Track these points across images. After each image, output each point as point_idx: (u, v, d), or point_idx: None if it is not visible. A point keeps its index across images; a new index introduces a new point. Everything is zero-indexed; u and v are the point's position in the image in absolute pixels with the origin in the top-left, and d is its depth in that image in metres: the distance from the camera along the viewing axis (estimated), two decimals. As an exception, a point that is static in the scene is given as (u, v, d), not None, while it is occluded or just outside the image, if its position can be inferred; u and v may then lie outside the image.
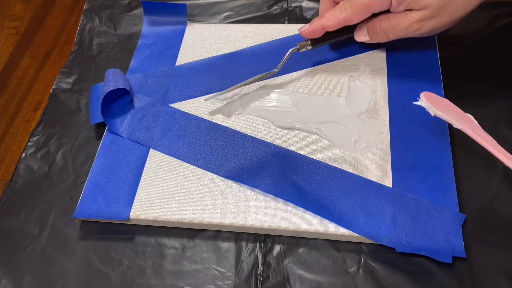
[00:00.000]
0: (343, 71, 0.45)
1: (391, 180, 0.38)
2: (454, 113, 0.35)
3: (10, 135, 0.47)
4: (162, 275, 0.36)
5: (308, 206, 0.37)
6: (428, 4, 0.37)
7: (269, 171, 0.39)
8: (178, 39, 0.51)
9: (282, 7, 0.54)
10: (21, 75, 0.52)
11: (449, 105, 0.35)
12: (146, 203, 0.39)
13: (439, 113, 0.33)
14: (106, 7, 0.56)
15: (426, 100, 0.33)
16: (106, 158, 0.42)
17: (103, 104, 0.43)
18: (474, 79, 0.44)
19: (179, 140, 0.42)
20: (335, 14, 0.40)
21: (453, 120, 0.33)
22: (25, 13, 0.59)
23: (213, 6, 0.55)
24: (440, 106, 0.34)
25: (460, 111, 0.35)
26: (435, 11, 0.37)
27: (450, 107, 0.35)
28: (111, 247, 0.38)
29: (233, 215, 0.37)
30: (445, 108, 0.34)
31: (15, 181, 0.43)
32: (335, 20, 0.40)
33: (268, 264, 0.36)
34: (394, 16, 0.39)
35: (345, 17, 0.40)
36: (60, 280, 0.37)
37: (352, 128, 0.41)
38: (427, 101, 0.33)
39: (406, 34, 0.40)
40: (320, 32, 0.42)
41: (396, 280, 0.34)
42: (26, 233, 0.39)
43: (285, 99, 0.44)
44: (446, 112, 0.33)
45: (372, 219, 0.36)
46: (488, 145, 0.32)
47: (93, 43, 0.53)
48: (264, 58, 0.47)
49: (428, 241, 0.34)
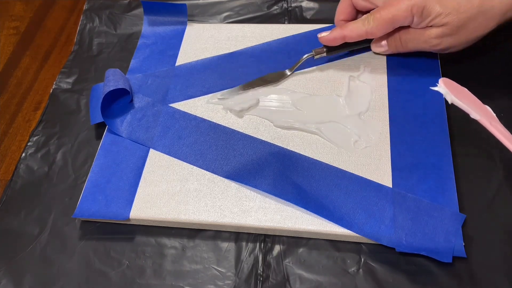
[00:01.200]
0: (343, 71, 0.45)
1: (391, 180, 0.38)
2: (472, 102, 0.33)
3: (10, 135, 0.47)
4: (162, 275, 0.36)
5: (308, 206, 0.37)
6: (448, 21, 0.38)
7: (269, 171, 0.39)
8: (178, 39, 0.51)
9: (282, 7, 0.54)
10: (21, 75, 0.52)
11: (467, 94, 0.34)
12: (146, 203, 0.39)
13: (456, 100, 0.32)
14: (106, 7, 0.56)
15: (445, 86, 0.32)
16: (106, 158, 0.42)
17: (103, 104, 0.43)
18: (474, 79, 0.44)
19: (179, 140, 0.42)
20: (358, 26, 0.41)
21: (470, 109, 0.32)
22: (25, 13, 0.59)
23: (213, 6, 0.55)
24: (458, 94, 0.33)
25: (479, 101, 0.34)
26: (454, 29, 0.38)
27: (469, 96, 0.34)
28: (111, 247, 0.38)
29: (233, 215, 0.37)
30: (463, 96, 0.33)
31: (15, 181, 0.43)
32: (357, 32, 0.41)
33: (268, 264, 0.36)
34: (414, 30, 0.40)
35: (367, 31, 0.40)
36: (60, 280, 0.37)
37: (352, 128, 0.41)
38: (445, 87, 0.32)
39: (424, 48, 0.41)
40: (339, 42, 0.42)
41: (396, 280, 0.34)
42: (26, 233, 0.39)
43: (285, 99, 0.44)
44: (464, 101, 0.32)
45: (372, 219, 0.36)
46: (504, 139, 0.31)
47: (93, 43, 0.53)
48: (264, 58, 0.47)
49: (428, 241, 0.34)
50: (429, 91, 0.42)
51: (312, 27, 0.49)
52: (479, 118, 0.32)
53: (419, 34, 0.40)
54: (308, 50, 0.45)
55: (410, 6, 0.38)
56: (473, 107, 0.32)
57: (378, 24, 0.39)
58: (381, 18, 0.39)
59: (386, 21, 0.39)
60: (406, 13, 0.38)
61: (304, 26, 0.50)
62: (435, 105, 0.41)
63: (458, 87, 0.34)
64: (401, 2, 0.38)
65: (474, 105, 0.33)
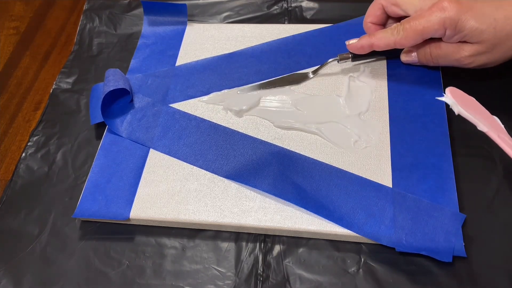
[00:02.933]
0: (343, 71, 0.45)
1: (391, 180, 0.38)
2: (479, 113, 0.32)
3: (10, 135, 0.47)
4: (162, 275, 0.36)
5: (308, 206, 0.37)
6: (484, 39, 0.36)
7: (269, 171, 0.39)
8: (178, 39, 0.51)
9: (282, 7, 0.54)
10: (21, 75, 0.52)
11: (475, 104, 0.33)
12: (146, 203, 0.39)
13: (463, 111, 0.31)
14: (106, 7, 0.56)
15: (452, 97, 0.31)
16: (106, 158, 0.42)
17: (103, 104, 0.43)
18: (474, 79, 0.44)
19: (179, 140, 0.42)
20: (386, 35, 0.39)
21: (477, 121, 0.31)
22: (25, 13, 0.59)
23: (213, 6, 0.55)
24: (465, 104, 0.32)
25: (487, 112, 0.33)
26: (489, 46, 0.36)
27: (476, 106, 0.33)
28: (111, 247, 0.38)
29: (233, 215, 0.37)
30: (471, 107, 0.32)
31: (15, 181, 0.43)
32: (385, 41, 0.39)
33: (268, 264, 0.36)
34: (446, 46, 0.39)
35: (396, 41, 0.39)
36: (60, 280, 0.37)
37: (352, 128, 0.41)
38: (452, 97, 0.31)
39: (456, 64, 0.39)
40: (367, 50, 0.41)
41: (396, 280, 0.34)
42: (26, 233, 0.39)
43: (285, 99, 0.44)
44: (471, 112, 0.31)
45: (372, 219, 0.36)
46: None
47: (93, 43, 0.53)
48: (264, 58, 0.47)
49: (428, 241, 0.34)
50: (429, 91, 0.42)
51: (312, 27, 0.49)
52: (486, 130, 0.31)
53: (451, 51, 0.38)
54: (308, 50, 0.45)
55: (442, 19, 0.36)
56: (480, 118, 0.31)
57: (408, 35, 0.38)
58: (411, 29, 0.37)
59: (416, 33, 0.37)
60: (438, 25, 0.36)
61: (304, 26, 0.50)
62: (435, 105, 0.41)
63: (465, 97, 0.33)
64: (433, 14, 0.36)
65: (482, 116, 0.32)
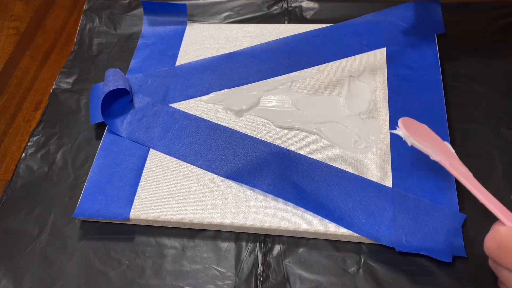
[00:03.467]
0: (343, 71, 0.45)
1: (391, 180, 0.38)
2: (431, 142, 0.34)
3: (10, 135, 0.47)
4: (162, 275, 0.36)
5: (308, 206, 0.37)
6: None
7: (269, 171, 0.39)
8: (178, 39, 0.51)
9: (282, 7, 0.54)
10: (21, 75, 0.52)
11: (427, 132, 0.34)
12: (146, 203, 0.39)
13: (416, 144, 0.32)
14: (106, 7, 0.56)
15: (404, 128, 0.32)
16: (106, 158, 0.42)
17: (103, 104, 0.43)
18: (474, 79, 0.44)
19: (179, 140, 0.42)
20: None
21: (430, 151, 0.32)
22: (25, 13, 0.59)
23: (213, 6, 0.55)
24: (418, 133, 0.33)
25: (438, 139, 0.34)
26: None
27: (428, 134, 0.34)
28: (111, 247, 0.38)
29: (233, 215, 0.37)
30: (423, 136, 0.33)
31: (15, 181, 0.43)
32: None
33: (268, 264, 0.36)
34: None
35: None
36: (60, 280, 0.37)
37: (352, 128, 0.41)
38: (404, 129, 0.32)
39: None
40: None
41: (396, 280, 0.34)
42: (26, 233, 0.39)
43: (285, 99, 0.44)
44: (424, 142, 0.32)
45: (372, 219, 0.36)
46: (463, 180, 0.31)
47: (93, 43, 0.53)
48: (264, 58, 0.47)
49: (428, 241, 0.34)
50: (429, 91, 0.42)
51: (312, 27, 0.49)
52: (439, 159, 0.32)
53: None
54: (308, 50, 0.45)
55: None
56: (433, 148, 0.33)
57: None
58: None
59: None
60: None
61: (304, 26, 0.50)
62: (435, 105, 0.41)
63: (418, 125, 0.34)
64: None
65: (434, 144, 0.33)
